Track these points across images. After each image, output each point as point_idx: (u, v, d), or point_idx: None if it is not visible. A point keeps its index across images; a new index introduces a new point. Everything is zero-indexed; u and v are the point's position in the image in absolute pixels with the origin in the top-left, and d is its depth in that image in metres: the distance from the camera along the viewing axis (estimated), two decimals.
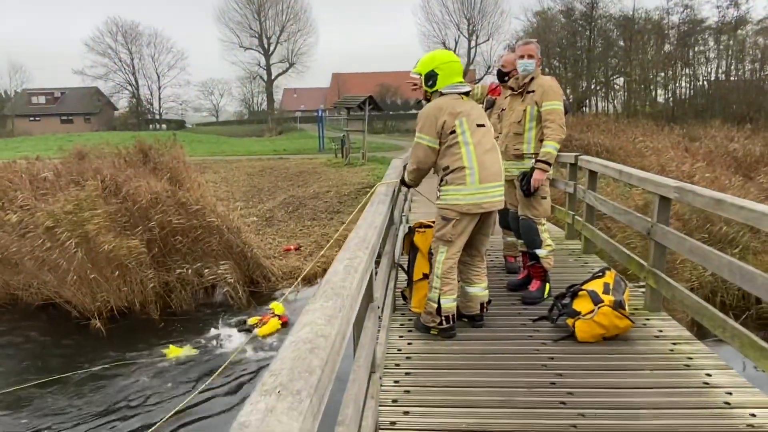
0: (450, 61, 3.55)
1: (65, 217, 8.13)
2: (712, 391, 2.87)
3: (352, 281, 1.70)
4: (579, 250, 5.88)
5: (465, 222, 3.48)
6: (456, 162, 3.43)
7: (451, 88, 3.50)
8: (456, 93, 3.51)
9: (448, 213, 3.49)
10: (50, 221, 8.06)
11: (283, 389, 0.99)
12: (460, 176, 3.42)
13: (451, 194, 3.46)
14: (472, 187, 3.41)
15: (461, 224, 3.48)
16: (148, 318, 7.87)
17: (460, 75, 3.57)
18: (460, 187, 3.43)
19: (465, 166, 3.41)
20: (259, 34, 54.22)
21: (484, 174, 3.42)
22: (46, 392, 6.00)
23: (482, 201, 3.43)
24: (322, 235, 11.50)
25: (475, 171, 3.40)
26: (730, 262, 3.00)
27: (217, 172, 20.22)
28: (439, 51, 3.74)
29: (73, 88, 57.15)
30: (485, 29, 47.10)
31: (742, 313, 7.16)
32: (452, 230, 3.49)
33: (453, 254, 3.57)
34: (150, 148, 10.80)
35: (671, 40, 30.79)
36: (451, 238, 3.51)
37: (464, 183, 3.41)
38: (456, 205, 3.45)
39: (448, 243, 3.53)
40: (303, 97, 66.76)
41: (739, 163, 14.43)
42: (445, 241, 3.54)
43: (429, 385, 3.03)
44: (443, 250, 3.56)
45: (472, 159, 3.41)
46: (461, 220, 3.46)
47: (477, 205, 3.43)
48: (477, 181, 3.41)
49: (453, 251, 3.56)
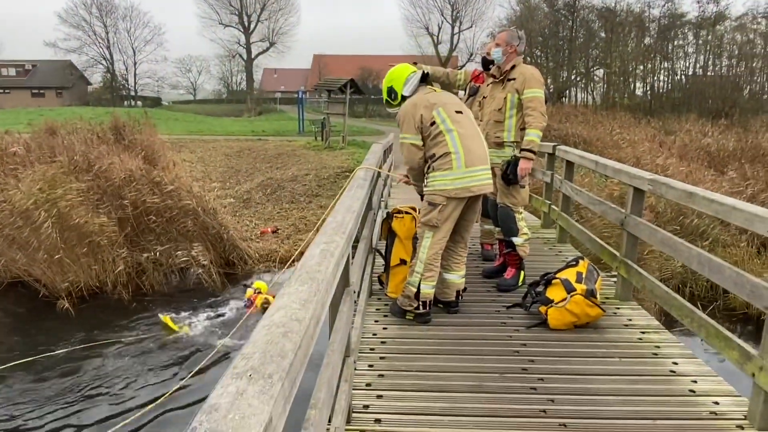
0: (396, 72, 3.69)
1: (41, 197, 7.91)
2: (678, 379, 2.95)
3: (327, 265, 1.69)
4: (554, 239, 5.96)
5: (451, 207, 3.49)
6: (441, 148, 3.45)
7: (410, 84, 3.62)
8: (418, 86, 3.62)
9: (435, 198, 3.49)
10: (30, 203, 7.82)
11: (255, 373, 0.98)
12: (446, 161, 3.43)
13: (438, 180, 3.47)
14: (458, 171, 3.42)
15: (447, 209, 3.49)
16: (120, 299, 7.74)
17: (408, 69, 3.69)
18: (446, 172, 3.43)
19: (450, 152, 3.43)
20: (240, 11, 53.18)
21: (469, 158, 3.44)
22: (8, 377, 5.87)
23: (470, 185, 3.44)
24: (300, 219, 11.44)
25: (460, 155, 3.42)
26: (699, 254, 3.07)
27: (194, 152, 19.89)
28: (390, 72, 3.77)
29: (44, 61, 55.31)
30: (468, 16, 47.05)
31: (710, 304, 7.36)
32: (438, 215, 3.49)
33: (439, 239, 3.58)
34: (124, 125, 10.55)
35: (651, 33, 31.17)
36: (437, 223, 3.51)
37: (451, 168, 3.42)
38: (444, 190, 3.45)
39: (433, 228, 3.54)
40: (283, 77, 65.84)
41: (712, 158, 14.73)
42: (431, 227, 3.54)
43: (403, 369, 3.05)
44: (429, 235, 3.57)
45: (456, 144, 3.43)
46: (447, 205, 3.47)
47: (466, 189, 3.44)
48: (463, 165, 3.42)
49: (439, 236, 3.57)
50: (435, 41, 48.16)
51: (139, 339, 6.62)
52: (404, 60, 4.26)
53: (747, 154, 14.62)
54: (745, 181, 11.71)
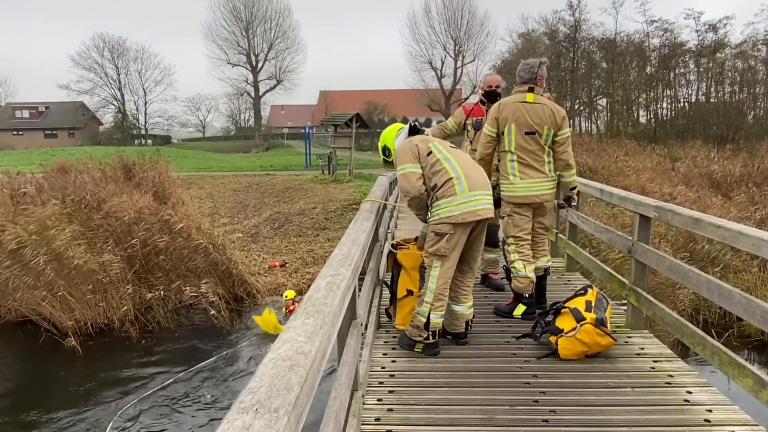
0: (387, 132, 3.98)
1: (29, 238, 7.99)
2: (692, 409, 2.89)
3: (334, 298, 1.70)
4: (562, 268, 5.93)
5: (458, 234, 3.49)
6: (442, 176, 3.49)
7: (400, 138, 3.83)
8: (408, 137, 3.80)
9: (441, 228, 3.49)
10: (14, 243, 7.91)
11: (261, 407, 0.99)
12: (449, 187, 3.46)
13: (444, 208, 3.47)
14: (462, 195, 3.43)
15: (455, 237, 3.49)
16: (127, 336, 7.73)
17: (397, 127, 3.98)
18: (450, 198, 3.45)
19: (452, 177, 3.47)
20: (247, 51, 54.32)
21: (471, 182, 3.47)
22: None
23: (476, 208, 3.44)
24: (307, 252, 11.46)
25: (462, 180, 3.46)
26: (708, 280, 3.04)
27: (203, 188, 20.12)
28: (382, 134, 4.04)
29: (57, 103, 56.66)
30: (471, 50, 47.75)
31: (724, 331, 7.25)
32: (446, 244, 3.48)
33: (448, 268, 3.57)
34: (134, 163, 10.72)
35: (653, 62, 31.49)
36: (445, 252, 3.50)
37: (455, 193, 3.44)
38: (451, 216, 3.44)
39: (442, 258, 3.53)
40: (290, 113, 66.94)
41: (718, 184, 14.70)
42: (439, 256, 3.53)
43: (412, 403, 3.01)
44: (437, 264, 3.55)
45: (456, 169, 3.49)
46: (455, 233, 3.48)
47: (472, 213, 3.43)
48: (466, 189, 3.44)
49: (447, 266, 3.56)
50: (438, 75, 48.86)
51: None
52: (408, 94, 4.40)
53: (754, 178, 14.58)
54: (753, 205, 11.65)
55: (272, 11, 53.74)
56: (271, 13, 53.74)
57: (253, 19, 53.47)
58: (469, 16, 46.70)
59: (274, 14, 53.83)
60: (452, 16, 46.94)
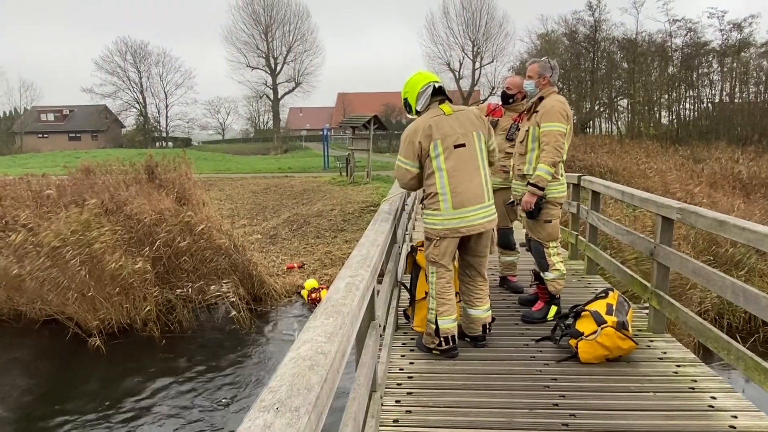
0: (411, 82, 3.54)
1: (71, 237, 8.16)
2: (717, 415, 2.83)
3: (353, 299, 1.71)
4: (582, 271, 5.86)
5: (445, 243, 3.49)
6: (431, 188, 3.47)
7: (422, 99, 3.47)
8: (431, 101, 3.47)
9: (429, 233, 3.55)
10: (57, 241, 8.08)
11: (282, 406, 0.99)
12: (435, 202, 3.46)
13: (429, 218, 3.52)
14: (446, 213, 3.42)
15: (442, 244, 3.50)
16: (150, 336, 7.85)
17: (426, 78, 3.52)
18: (435, 212, 3.47)
19: (438, 192, 3.43)
20: (266, 54, 54.86)
21: (457, 200, 3.39)
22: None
23: (459, 226, 3.42)
24: (325, 254, 11.50)
25: (447, 197, 3.41)
26: (734, 283, 2.98)
27: (222, 190, 20.33)
28: (407, 80, 3.62)
29: (81, 106, 57.83)
30: (489, 51, 47.60)
31: (749, 336, 7.09)
32: (434, 250, 3.53)
33: (443, 274, 3.57)
34: (156, 165, 10.89)
35: (675, 62, 31.00)
36: (434, 258, 3.54)
37: (438, 209, 3.44)
38: (434, 229, 3.50)
39: (434, 264, 3.56)
40: (308, 115, 67.33)
41: (743, 185, 14.40)
42: (431, 262, 3.58)
43: (431, 405, 3.01)
44: (432, 270, 3.59)
45: (444, 185, 3.41)
46: (441, 240, 3.49)
47: (454, 230, 3.44)
48: (450, 207, 3.41)
49: (441, 271, 3.57)
50: (456, 77, 48.76)
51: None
52: None
53: None
54: None
55: (291, 14, 54.33)
56: (290, 16, 54.32)
57: (272, 23, 54.05)
58: (488, 17, 46.61)
59: (293, 17, 54.40)
60: (470, 18, 46.87)
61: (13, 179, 11.02)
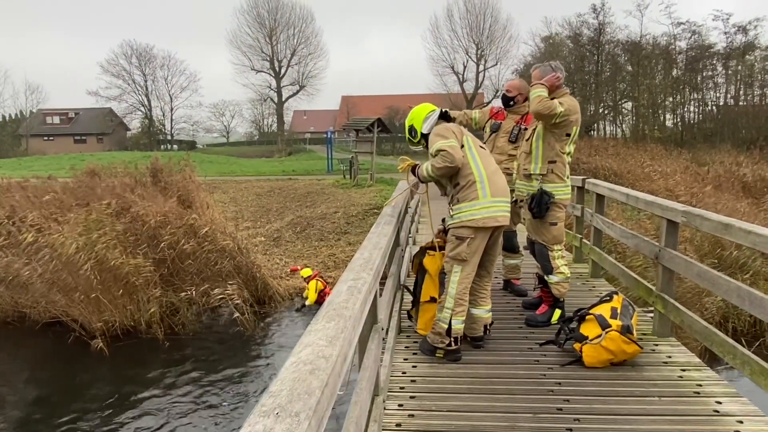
0: (416, 111, 3.73)
1: (80, 239, 8.19)
2: (722, 420, 2.81)
3: (355, 302, 1.70)
4: (587, 274, 5.84)
5: (479, 239, 3.49)
6: (467, 177, 3.47)
7: (429, 122, 3.65)
8: (437, 122, 3.64)
9: (462, 232, 3.49)
10: (74, 247, 8.09)
11: (282, 411, 0.99)
12: (472, 190, 3.45)
13: (465, 211, 3.47)
14: (484, 200, 3.43)
15: (475, 242, 3.48)
16: (153, 338, 7.85)
17: (428, 108, 3.72)
18: (473, 202, 3.45)
19: (476, 180, 3.46)
20: (271, 57, 54.95)
21: (493, 188, 3.47)
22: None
23: (496, 214, 3.45)
24: (329, 256, 11.50)
25: (485, 184, 3.45)
26: (739, 287, 2.96)
27: (226, 192, 20.36)
28: (411, 112, 3.80)
29: (86, 109, 58.02)
30: (493, 54, 47.46)
31: (755, 340, 7.05)
32: (467, 249, 3.48)
33: (468, 274, 3.56)
34: (161, 168, 10.92)
35: (679, 65, 30.93)
36: (466, 257, 3.50)
37: (476, 197, 3.44)
38: (472, 220, 3.44)
39: (462, 262, 3.52)
40: (312, 118, 67.41)
41: (748, 188, 14.34)
42: (459, 261, 3.52)
43: (433, 409, 2.99)
44: (457, 269, 3.55)
45: (482, 173, 3.48)
46: (475, 237, 3.47)
47: (492, 218, 3.44)
48: (489, 194, 3.44)
49: (468, 270, 3.55)
50: (460, 80, 48.69)
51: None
52: (429, 99, 4.31)
53: None
54: None
55: (295, 18, 54.40)
56: (295, 19, 54.40)
57: (276, 26, 54.13)
58: (492, 20, 46.49)
59: (297, 20, 54.48)
60: (474, 21, 46.78)
61: (17, 183, 11.07)
